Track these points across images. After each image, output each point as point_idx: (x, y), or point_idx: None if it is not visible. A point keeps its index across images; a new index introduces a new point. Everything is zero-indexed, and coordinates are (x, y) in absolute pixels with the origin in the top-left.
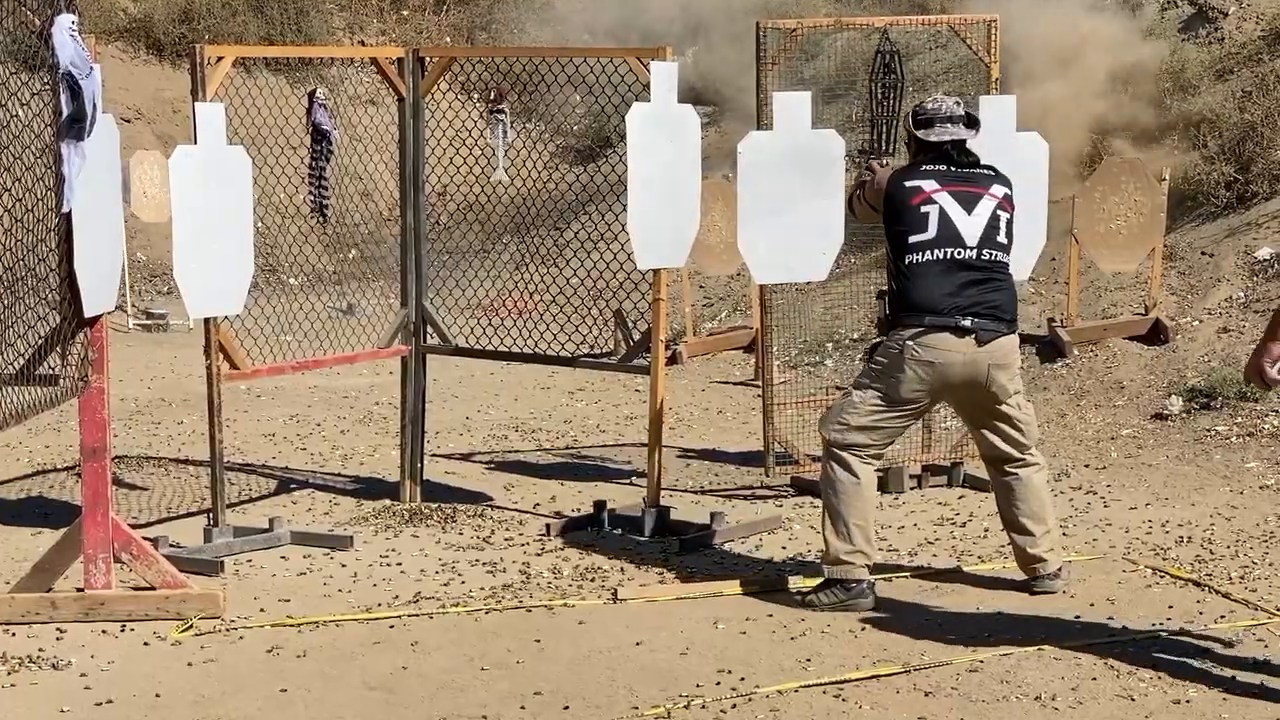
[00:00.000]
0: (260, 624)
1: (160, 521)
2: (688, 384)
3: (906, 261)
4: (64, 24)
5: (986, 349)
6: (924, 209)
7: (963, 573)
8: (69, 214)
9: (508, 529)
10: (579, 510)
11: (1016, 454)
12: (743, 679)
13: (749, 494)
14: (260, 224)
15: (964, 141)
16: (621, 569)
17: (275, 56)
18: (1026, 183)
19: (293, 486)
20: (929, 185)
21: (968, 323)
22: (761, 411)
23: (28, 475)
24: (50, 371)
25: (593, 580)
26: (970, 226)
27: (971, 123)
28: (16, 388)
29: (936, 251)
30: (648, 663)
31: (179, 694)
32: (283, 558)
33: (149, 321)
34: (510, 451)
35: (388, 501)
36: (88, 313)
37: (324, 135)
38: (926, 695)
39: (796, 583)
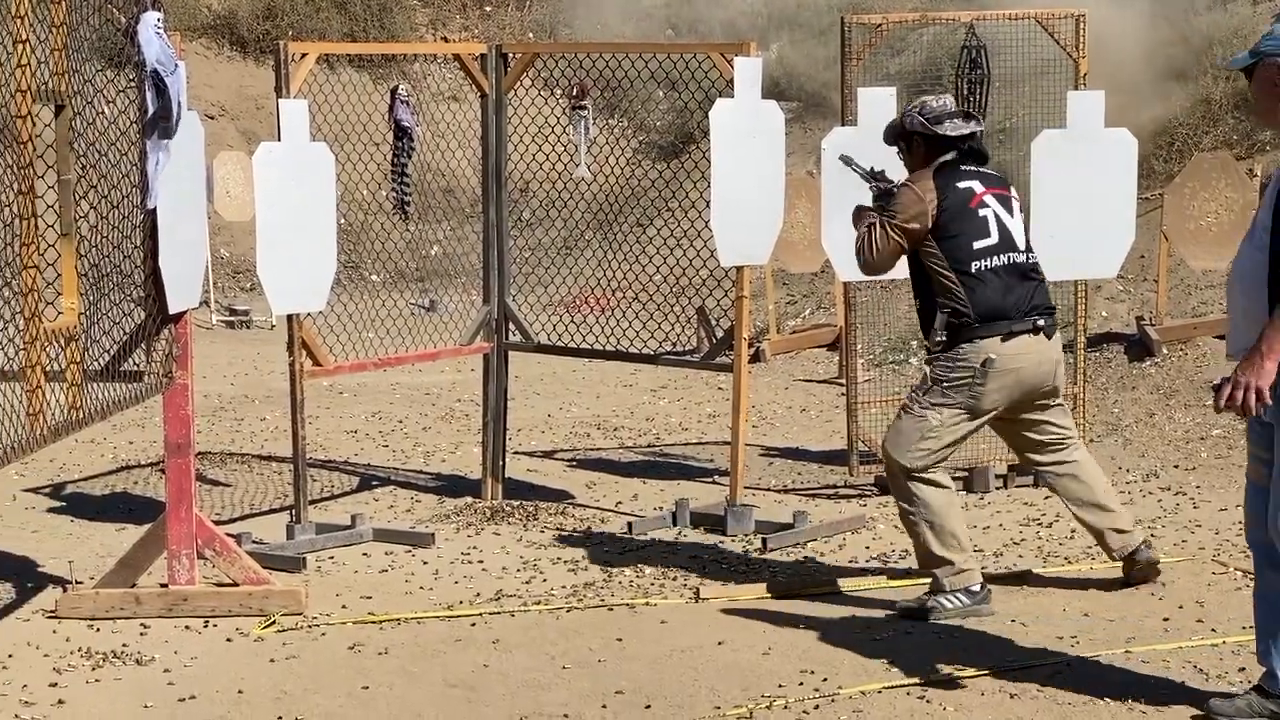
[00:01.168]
0: (342, 621)
1: (243, 518)
2: (770, 382)
3: (973, 269)
4: (150, 21)
5: (1052, 344)
6: (981, 212)
7: (1041, 576)
8: (154, 211)
9: (590, 527)
10: (661, 508)
11: (1069, 437)
12: (825, 679)
13: (832, 493)
14: (343, 220)
15: (975, 135)
16: (703, 568)
17: (358, 53)
18: (1115, 179)
19: (374, 483)
20: (977, 187)
21: (1042, 321)
22: (845, 410)
23: (112, 471)
24: (135, 368)
25: (674, 579)
26: (1016, 229)
27: (969, 116)
28: (102, 383)
29: (1002, 257)
30: (730, 662)
31: (261, 690)
32: (365, 555)
33: (231, 318)
34: (592, 449)
35: (469, 499)
36: (172, 309)
37: (406, 132)
38: (1012, 698)
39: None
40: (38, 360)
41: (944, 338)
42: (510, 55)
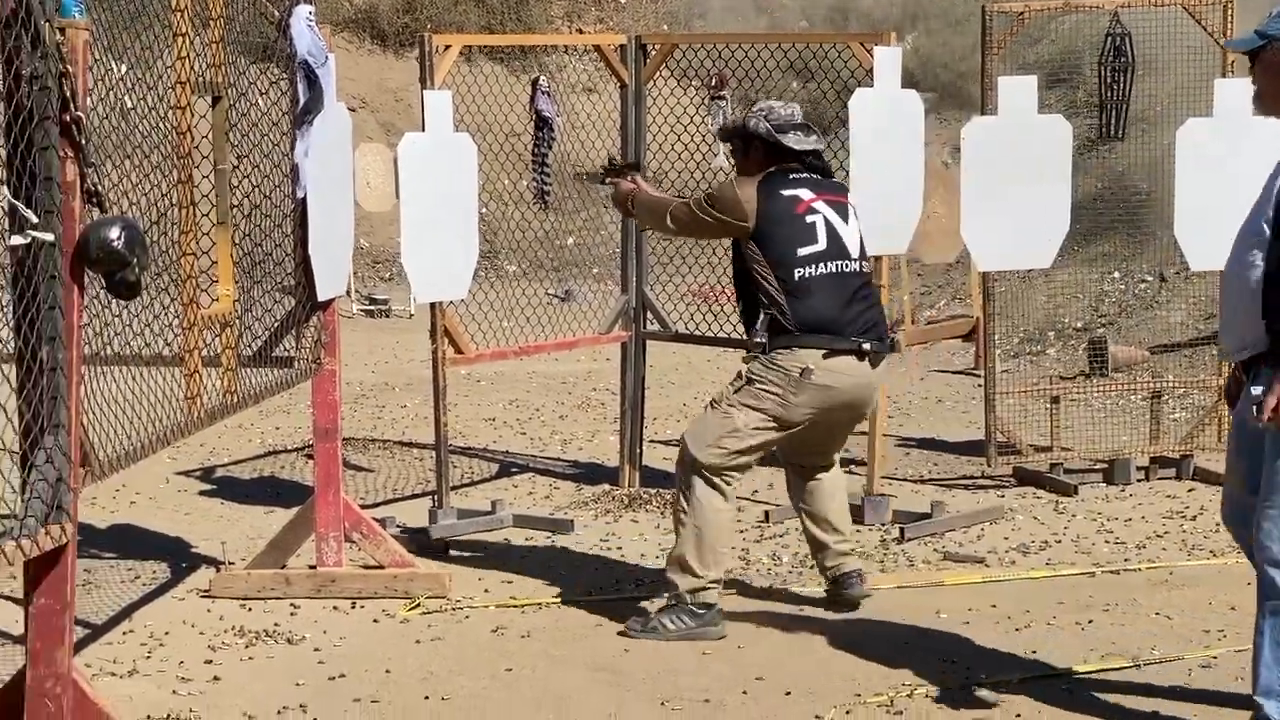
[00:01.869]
0: (485, 604)
1: (386, 502)
2: (906, 372)
3: (797, 276)
4: (302, 14)
5: (877, 372)
6: (809, 219)
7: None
8: (304, 200)
9: None
10: None
11: (834, 459)
12: (968, 669)
13: (970, 483)
14: (483, 210)
15: (820, 152)
16: None
17: (500, 45)
18: (1265, 169)
19: (513, 470)
20: (805, 194)
21: (868, 345)
22: (983, 400)
23: (260, 456)
24: (285, 354)
25: (812, 568)
26: (850, 237)
27: (811, 130)
28: (254, 369)
29: (829, 265)
30: (869, 650)
31: (408, 670)
32: (505, 540)
33: (371, 307)
34: None
35: (607, 486)
36: (321, 297)
37: (546, 122)
38: (1156, 691)
39: (649, 605)
40: (195, 345)
41: (764, 339)
42: (649, 46)
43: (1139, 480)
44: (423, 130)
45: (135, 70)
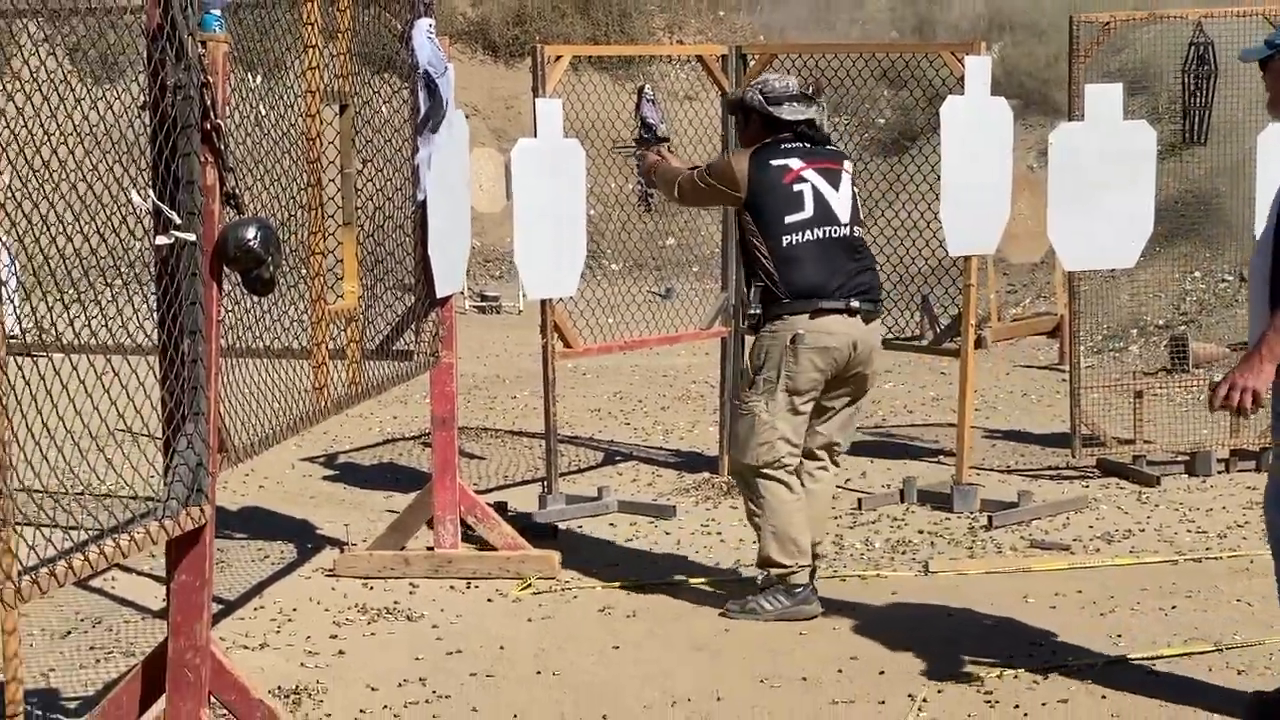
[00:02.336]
0: (592, 585)
1: (499, 488)
2: (992, 368)
3: (784, 244)
4: (423, 27)
5: (870, 328)
6: (796, 187)
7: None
8: (423, 203)
9: None
10: (889, 485)
11: (830, 448)
12: (1054, 652)
13: (1055, 474)
14: (590, 211)
15: (813, 121)
16: (931, 543)
17: (606, 55)
18: None
19: (618, 458)
20: (795, 163)
21: (855, 303)
22: (1068, 394)
23: (379, 444)
24: (405, 347)
25: (903, 553)
26: (840, 204)
27: (811, 100)
28: (377, 361)
29: (816, 231)
30: (959, 633)
31: (520, 647)
32: (611, 525)
33: (482, 303)
34: None
35: (707, 474)
36: (439, 293)
37: (651, 129)
38: (1239, 674)
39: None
40: (323, 339)
41: (757, 311)
42: (749, 56)
43: (1219, 472)
44: (535, 136)
45: (268, 80)
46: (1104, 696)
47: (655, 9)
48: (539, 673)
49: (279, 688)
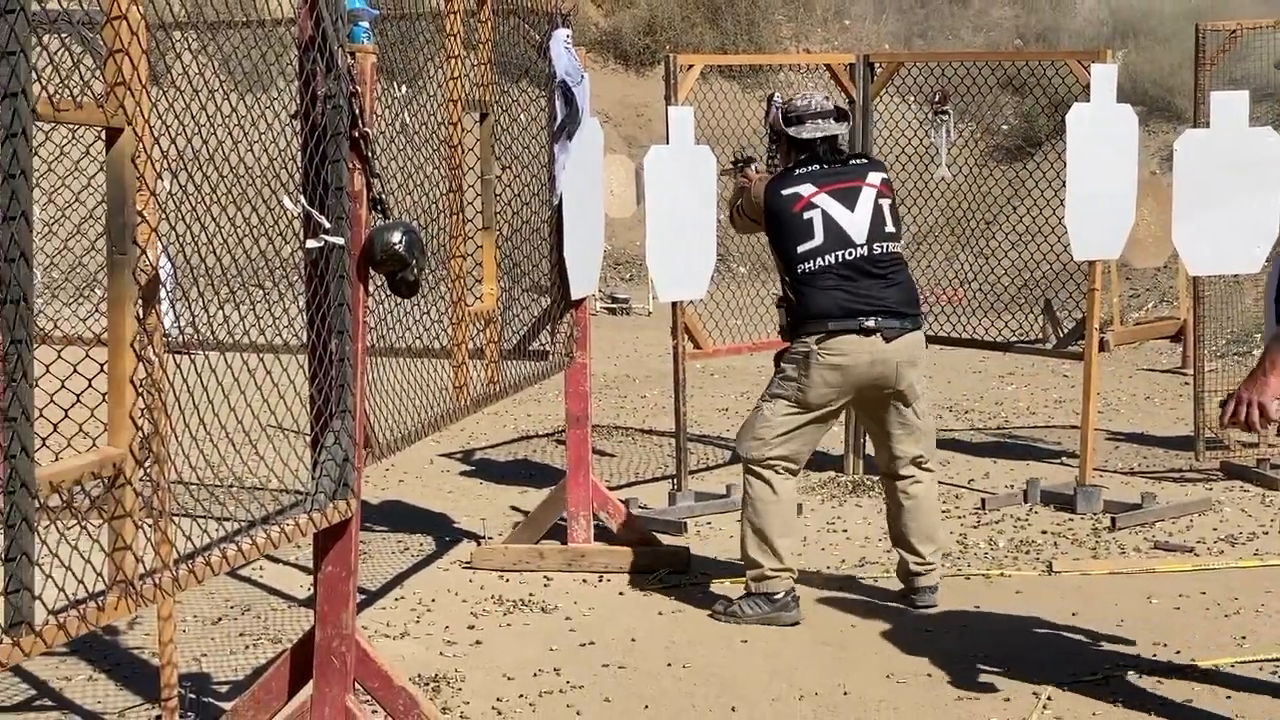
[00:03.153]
0: (721, 580)
1: (630, 485)
2: (1114, 371)
3: (799, 271)
4: (560, 38)
5: (894, 346)
6: (806, 215)
7: None
8: (559, 207)
9: (945, 502)
10: (1012, 486)
11: (915, 462)
12: (1178, 652)
13: (1178, 476)
14: (720, 216)
15: (835, 138)
16: (1054, 543)
17: (733, 64)
18: None
19: None
20: (806, 190)
21: (871, 323)
22: (1192, 398)
23: (513, 440)
24: (541, 347)
25: (1027, 552)
26: (855, 224)
27: (841, 116)
28: (514, 361)
29: (828, 257)
30: (1084, 631)
31: (652, 639)
32: (738, 521)
33: (613, 305)
34: (944, 430)
35: (832, 473)
36: (574, 295)
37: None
38: None
39: (721, 587)
40: (462, 339)
41: (784, 331)
42: (876, 64)
43: None
44: (666, 143)
45: (412, 90)
46: (1228, 697)
47: (782, 18)
48: (669, 665)
49: (419, 675)
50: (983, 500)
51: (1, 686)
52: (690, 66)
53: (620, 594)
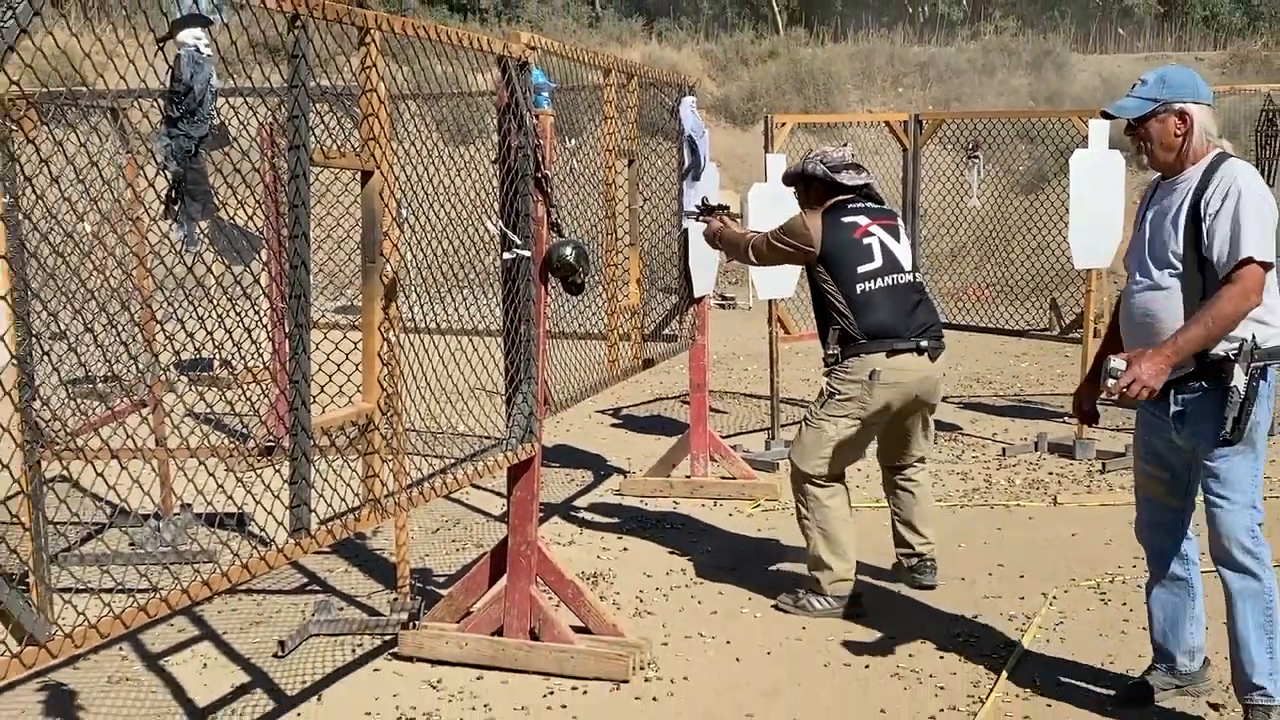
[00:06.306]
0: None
1: (735, 435)
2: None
3: (859, 290)
4: (688, 103)
5: (937, 365)
6: (865, 241)
7: None
8: (685, 231)
9: (974, 450)
10: (1025, 439)
11: (919, 458)
12: None
13: None
14: None
15: (870, 185)
16: (1059, 481)
17: (814, 121)
18: None
19: None
20: (862, 220)
21: (925, 344)
22: None
23: (649, 401)
24: (672, 332)
25: (1037, 489)
26: (903, 253)
27: (862, 170)
28: (652, 343)
29: (886, 279)
30: (1081, 549)
31: (752, 551)
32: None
33: (723, 302)
34: (973, 397)
35: None
36: (696, 294)
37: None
38: None
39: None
40: (614, 326)
41: (836, 351)
42: (924, 120)
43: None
44: (765, 181)
45: (579, 142)
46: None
47: (851, 87)
48: (767, 568)
49: (582, 572)
50: (1003, 449)
51: (284, 575)
52: (783, 124)
53: (729, 515)
